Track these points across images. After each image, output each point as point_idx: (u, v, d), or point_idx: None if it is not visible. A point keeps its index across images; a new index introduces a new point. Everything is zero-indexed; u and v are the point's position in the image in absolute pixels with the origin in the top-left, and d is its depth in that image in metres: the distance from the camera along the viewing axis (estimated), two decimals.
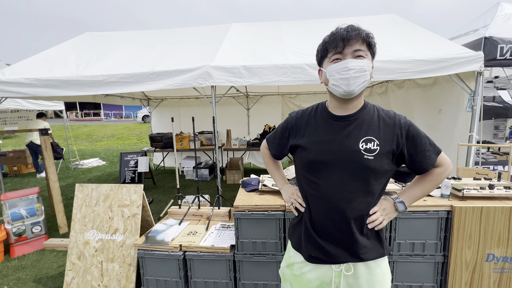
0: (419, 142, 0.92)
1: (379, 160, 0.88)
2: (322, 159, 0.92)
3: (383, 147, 0.89)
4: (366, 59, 0.87)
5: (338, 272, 0.94)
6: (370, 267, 0.94)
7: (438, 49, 2.57)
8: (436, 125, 3.01)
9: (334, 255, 0.93)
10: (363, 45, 0.86)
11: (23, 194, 2.83)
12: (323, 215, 0.95)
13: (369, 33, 0.88)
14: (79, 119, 22.53)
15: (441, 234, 1.72)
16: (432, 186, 0.98)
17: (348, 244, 0.93)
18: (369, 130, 0.90)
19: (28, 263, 2.56)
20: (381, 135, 0.90)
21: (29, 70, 2.99)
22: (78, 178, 5.91)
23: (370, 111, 0.94)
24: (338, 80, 0.87)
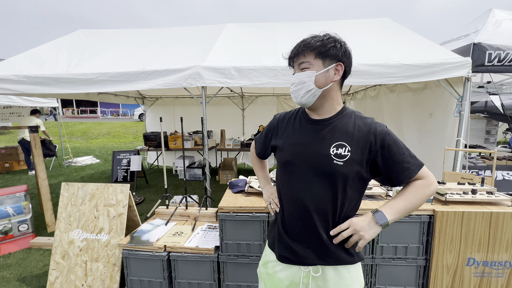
0: (396, 152, 0.88)
1: (349, 167, 0.87)
2: (295, 160, 0.95)
3: (354, 154, 0.88)
4: (309, 69, 0.89)
5: (306, 273, 0.94)
6: (339, 272, 0.94)
7: (427, 54, 2.59)
8: (428, 129, 3.03)
9: (302, 256, 0.94)
10: (308, 56, 0.89)
11: (10, 192, 2.80)
12: (293, 216, 0.96)
13: (311, 43, 0.88)
14: (75, 116, 22.36)
15: (423, 238, 1.74)
16: (416, 198, 0.89)
17: (316, 246, 0.93)
18: (342, 135, 0.90)
19: (13, 262, 2.54)
20: (354, 142, 0.88)
21: (20, 66, 2.96)
22: (70, 176, 5.87)
23: (346, 117, 0.93)
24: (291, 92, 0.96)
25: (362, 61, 2.51)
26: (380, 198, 1.91)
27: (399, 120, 3.59)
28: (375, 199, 1.89)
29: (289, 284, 0.97)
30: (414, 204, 0.89)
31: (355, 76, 2.45)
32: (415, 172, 0.89)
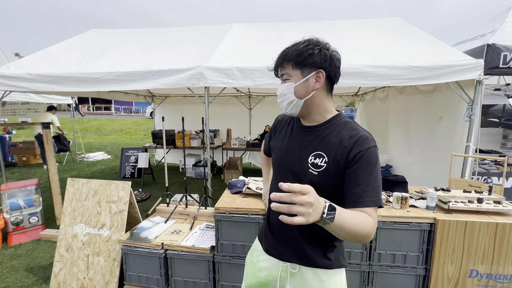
0: (361, 172, 0.79)
1: (322, 177, 0.85)
2: (280, 162, 0.98)
3: (330, 166, 0.84)
4: (289, 80, 0.89)
5: (285, 268, 0.98)
6: (317, 274, 0.94)
7: (437, 55, 2.49)
8: (436, 133, 2.92)
9: (281, 252, 0.99)
10: (286, 67, 0.89)
11: (22, 185, 2.93)
12: (275, 214, 1.00)
13: (287, 53, 0.88)
14: (90, 112, 23.11)
15: (423, 246, 1.69)
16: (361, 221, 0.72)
17: (294, 246, 0.96)
18: (322, 145, 0.88)
19: (23, 252, 2.66)
20: (332, 153, 0.84)
21: (33, 65, 3.09)
22: (82, 171, 6.08)
23: (335, 127, 0.89)
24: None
25: (367, 62, 2.45)
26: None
27: (406, 123, 3.48)
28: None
29: (267, 274, 1.02)
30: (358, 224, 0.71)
31: (359, 78, 2.40)
32: (366, 205, 0.77)
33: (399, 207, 1.78)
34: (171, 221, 2.30)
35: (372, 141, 0.83)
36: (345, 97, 5.80)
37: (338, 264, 0.95)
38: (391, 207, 1.80)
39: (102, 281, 2.05)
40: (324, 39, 0.92)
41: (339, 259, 0.95)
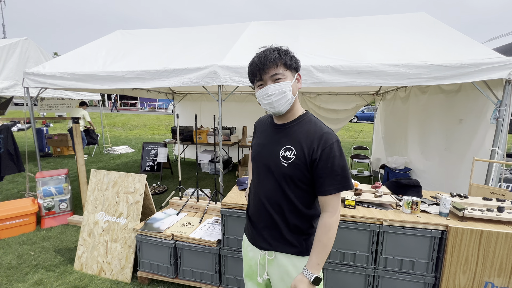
0: (329, 166, 0.94)
1: (292, 168, 0.98)
2: (257, 158, 1.10)
3: (298, 158, 0.97)
4: (284, 80, 0.95)
5: (263, 256, 1.09)
6: (292, 260, 1.04)
7: (462, 52, 2.34)
8: (455, 136, 2.74)
9: (259, 242, 1.10)
10: (279, 68, 0.95)
11: (54, 174, 3.22)
12: (253, 206, 1.13)
13: (281, 53, 0.95)
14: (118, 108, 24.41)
15: (433, 254, 1.62)
16: (328, 239, 0.95)
17: (269, 234, 1.06)
18: (291, 140, 1.00)
19: (53, 235, 2.93)
20: (299, 146, 0.97)
21: (65, 64, 3.36)
22: (108, 163, 6.50)
23: (302, 123, 1.02)
24: (265, 105, 1.00)
25: (384, 60, 2.36)
26: (389, 208, 1.81)
27: (425, 124, 3.29)
28: (383, 208, 1.80)
29: (254, 263, 1.14)
30: (329, 245, 0.96)
31: (374, 77, 2.32)
32: (329, 192, 0.95)
33: (409, 212, 1.72)
34: (182, 213, 2.41)
35: (334, 136, 0.97)
36: (365, 96, 5.60)
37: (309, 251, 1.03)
38: (401, 211, 1.74)
39: (118, 266, 2.21)
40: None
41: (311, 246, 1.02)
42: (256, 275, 1.13)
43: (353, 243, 1.71)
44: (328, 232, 0.95)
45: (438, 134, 3.00)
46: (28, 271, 2.28)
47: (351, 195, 1.89)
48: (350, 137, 12.46)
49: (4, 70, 4.80)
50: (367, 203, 1.86)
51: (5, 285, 2.11)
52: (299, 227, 1.03)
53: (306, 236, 1.04)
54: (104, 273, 2.23)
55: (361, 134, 12.44)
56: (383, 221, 1.64)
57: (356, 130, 13.52)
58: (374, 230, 1.67)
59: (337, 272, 1.77)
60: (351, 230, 1.70)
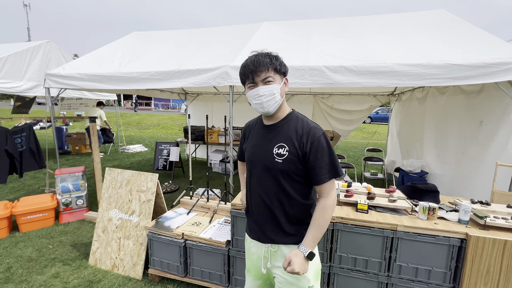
0: (319, 157, 1.04)
1: (286, 164, 1.07)
2: (252, 159, 1.17)
3: (290, 153, 1.06)
4: (274, 83, 1.05)
5: (267, 248, 1.16)
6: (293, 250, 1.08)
7: (485, 52, 2.22)
8: (475, 139, 2.60)
9: (262, 236, 1.17)
10: (270, 71, 1.04)
11: (71, 171, 3.35)
12: (253, 204, 1.19)
13: (272, 59, 1.04)
14: (133, 107, 25.12)
15: (451, 263, 1.54)
16: (324, 220, 1.04)
17: (270, 228, 1.14)
18: (283, 137, 1.09)
19: (70, 230, 3.04)
20: (291, 143, 1.07)
21: (84, 66, 3.48)
22: (123, 161, 6.68)
23: (291, 121, 1.12)
24: (255, 105, 1.09)
25: (400, 60, 2.28)
26: (404, 213, 1.74)
27: (443, 127, 3.15)
28: (397, 213, 1.73)
29: (257, 257, 1.21)
30: (324, 227, 1.05)
31: (389, 77, 2.25)
32: (322, 181, 1.05)
33: (426, 218, 1.64)
34: (193, 213, 2.43)
35: (320, 130, 1.07)
36: (379, 97, 5.45)
37: None
38: (416, 217, 1.67)
39: (130, 262, 2.26)
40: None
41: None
42: (257, 269, 1.21)
43: (365, 248, 1.66)
44: (324, 214, 1.04)
45: (457, 137, 2.86)
46: (46, 264, 2.38)
47: (364, 199, 1.84)
48: (363, 138, 12.17)
49: (28, 72, 5.04)
50: (381, 208, 1.80)
51: (25, 276, 2.21)
52: (298, 218, 1.12)
53: (305, 225, 1.10)
54: (117, 268, 2.28)
55: (375, 135, 12.12)
56: (398, 227, 1.58)
57: (370, 132, 13.19)
58: (388, 236, 1.61)
59: (349, 278, 1.72)
60: (364, 235, 1.65)
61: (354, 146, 10.04)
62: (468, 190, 2.58)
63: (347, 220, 1.67)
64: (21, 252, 2.55)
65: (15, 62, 4.82)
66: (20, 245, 2.69)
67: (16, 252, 2.55)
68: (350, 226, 1.66)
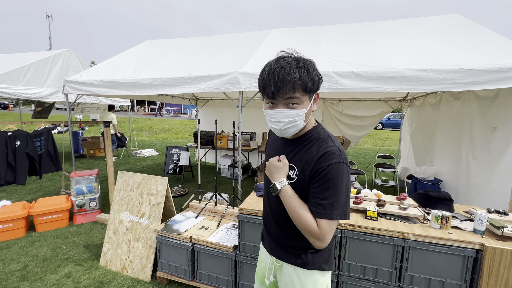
0: (318, 186, 0.86)
1: (294, 189, 0.92)
2: (265, 170, 1.04)
3: (300, 178, 0.92)
4: (299, 106, 0.85)
5: (272, 261, 1.09)
6: (296, 271, 1.01)
7: (501, 56, 2.15)
8: (486, 146, 2.51)
9: (270, 247, 1.11)
10: (296, 92, 0.83)
11: (86, 174, 3.46)
12: (265, 216, 1.14)
13: (302, 75, 0.81)
14: (145, 113, 25.81)
15: (467, 275, 1.48)
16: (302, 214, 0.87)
17: (276, 243, 1.07)
18: (296, 158, 0.95)
19: (83, 231, 3.13)
20: (303, 166, 0.91)
21: (100, 72, 3.63)
22: (134, 165, 6.84)
23: (309, 139, 0.94)
24: (272, 126, 0.92)
25: (411, 65, 2.25)
26: (415, 221, 1.69)
27: (456, 133, 3.05)
28: (409, 222, 1.69)
29: (264, 265, 1.16)
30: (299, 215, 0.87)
31: (400, 83, 2.22)
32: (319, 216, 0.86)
33: (439, 227, 1.59)
34: (201, 217, 2.46)
35: (338, 157, 0.86)
36: (391, 102, 5.36)
37: (317, 266, 1.00)
38: (429, 226, 1.62)
39: (139, 265, 2.29)
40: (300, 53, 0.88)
41: (319, 262, 1.00)
42: (264, 276, 1.15)
43: (375, 257, 1.62)
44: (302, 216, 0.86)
45: (467, 144, 2.77)
46: (59, 263, 2.45)
47: (373, 206, 1.80)
48: (374, 144, 11.93)
49: (49, 78, 5.31)
50: (391, 215, 1.76)
51: (40, 275, 2.28)
52: (304, 240, 0.96)
53: (312, 249, 0.99)
54: (126, 270, 2.32)
55: (386, 141, 11.87)
56: (409, 236, 1.54)
57: (381, 138, 12.93)
58: (399, 245, 1.57)
59: (358, 287, 1.68)
60: (373, 243, 1.61)
61: (365, 153, 9.86)
62: (481, 199, 2.49)
63: (355, 227, 1.64)
64: (36, 252, 2.65)
65: (37, 69, 5.10)
66: (36, 244, 2.79)
67: (32, 252, 2.65)
68: (359, 234, 1.63)
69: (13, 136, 3.52)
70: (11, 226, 2.88)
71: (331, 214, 0.84)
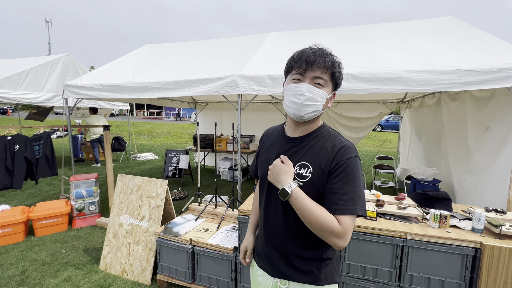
0: (346, 181, 0.82)
1: (308, 188, 0.85)
2: (266, 176, 0.94)
3: (315, 176, 0.86)
4: (323, 88, 0.87)
5: (275, 283, 0.97)
6: None
7: (496, 57, 2.19)
8: (479, 145, 2.54)
9: (271, 268, 0.98)
10: (325, 73, 0.86)
11: (85, 177, 3.46)
12: (266, 229, 1.00)
13: (335, 62, 0.86)
14: (144, 117, 25.86)
15: (466, 274, 1.48)
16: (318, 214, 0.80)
17: (282, 261, 0.95)
18: (308, 156, 0.89)
19: (82, 235, 3.12)
20: (317, 163, 0.86)
21: (99, 77, 3.66)
22: (134, 169, 6.83)
23: (320, 137, 0.91)
24: (290, 102, 0.89)
25: (408, 67, 2.28)
26: (414, 221, 1.70)
27: (457, 134, 3.07)
28: (407, 221, 1.70)
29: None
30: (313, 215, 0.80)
31: (398, 83, 2.24)
32: (341, 213, 0.80)
33: (437, 226, 1.60)
34: (201, 219, 2.46)
35: (354, 151, 0.85)
36: (389, 104, 5.39)
37: (330, 280, 0.93)
38: (427, 225, 1.63)
39: (139, 268, 2.29)
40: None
41: (332, 275, 0.93)
42: None
43: (374, 257, 1.63)
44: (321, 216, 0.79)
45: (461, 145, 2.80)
46: (59, 268, 2.44)
47: (372, 206, 1.81)
48: (373, 146, 11.96)
49: (48, 83, 5.33)
50: (390, 215, 1.77)
51: (39, 280, 2.27)
52: (314, 252, 0.91)
53: (323, 262, 0.92)
54: (126, 274, 2.32)
55: (385, 143, 11.90)
56: (408, 235, 1.55)
57: (380, 140, 12.97)
58: (398, 244, 1.57)
59: (358, 287, 1.68)
60: (372, 243, 1.62)
61: (364, 154, 9.88)
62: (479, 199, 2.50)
63: (354, 227, 1.64)
64: (36, 256, 2.64)
65: (36, 74, 5.11)
66: (35, 249, 2.78)
67: (31, 256, 2.64)
68: (358, 234, 1.64)
69: (12, 140, 3.52)
70: (10, 231, 2.87)
71: (354, 209, 0.80)
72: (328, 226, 0.79)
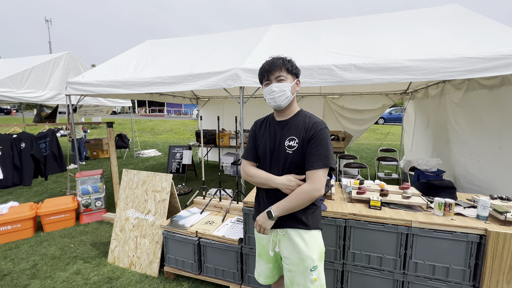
0: (315, 146, 1.17)
1: (296, 154, 1.22)
2: (266, 153, 1.30)
3: (300, 145, 1.21)
4: (285, 81, 1.22)
5: (275, 233, 1.29)
6: (300, 233, 1.24)
7: (501, 44, 2.15)
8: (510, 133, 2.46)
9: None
10: (281, 71, 1.21)
11: (91, 174, 3.50)
12: (267, 192, 1.30)
13: (285, 60, 1.22)
14: (147, 114, 25.90)
15: (471, 260, 1.49)
16: (296, 200, 1.18)
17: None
18: (293, 131, 1.24)
19: (89, 230, 3.17)
20: (300, 136, 1.22)
21: (101, 73, 3.66)
22: (137, 165, 6.89)
23: (300, 117, 1.27)
24: (269, 100, 1.25)
25: (411, 56, 2.25)
26: (418, 209, 1.70)
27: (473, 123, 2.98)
28: (412, 210, 1.70)
29: (266, 241, 1.34)
30: (294, 204, 1.19)
31: (401, 73, 2.22)
32: (313, 168, 1.16)
33: (442, 214, 1.60)
34: (206, 212, 2.48)
35: (323, 124, 1.22)
36: (392, 96, 5.35)
37: (316, 226, 1.27)
38: (432, 214, 1.63)
39: (147, 260, 2.33)
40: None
41: (316, 222, 1.27)
42: (268, 251, 1.32)
43: (379, 245, 1.64)
44: (298, 195, 1.17)
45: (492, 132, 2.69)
46: (68, 261, 2.49)
47: (376, 195, 1.82)
48: (376, 139, 11.90)
49: (50, 81, 5.35)
50: (394, 205, 1.77)
51: (50, 273, 2.32)
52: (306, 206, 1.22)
53: (310, 210, 1.24)
54: (134, 266, 2.36)
55: (388, 136, 11.83)
56: (412, 223, 1.56)
57: (383, 133, 12.89)
58: (402, 233, 1.58)
59: (363, 275, 1.70)
60: (377, 231, 1.63)
61: (367, 148, 9.84)
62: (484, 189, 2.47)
63: (359, 216, 1.65)
64: (45, 251, 2.69)
65: (38, 73, 5.13)
66: (45, 244, 2.83)
67: (41, 251, 2.69)
68: (363, 223, 1.65)
69: (18, 138, 3.56)
70: (20, 227, 2.93)
71: (328, 163, 1.17)
72: (308, 199, 1.17)
